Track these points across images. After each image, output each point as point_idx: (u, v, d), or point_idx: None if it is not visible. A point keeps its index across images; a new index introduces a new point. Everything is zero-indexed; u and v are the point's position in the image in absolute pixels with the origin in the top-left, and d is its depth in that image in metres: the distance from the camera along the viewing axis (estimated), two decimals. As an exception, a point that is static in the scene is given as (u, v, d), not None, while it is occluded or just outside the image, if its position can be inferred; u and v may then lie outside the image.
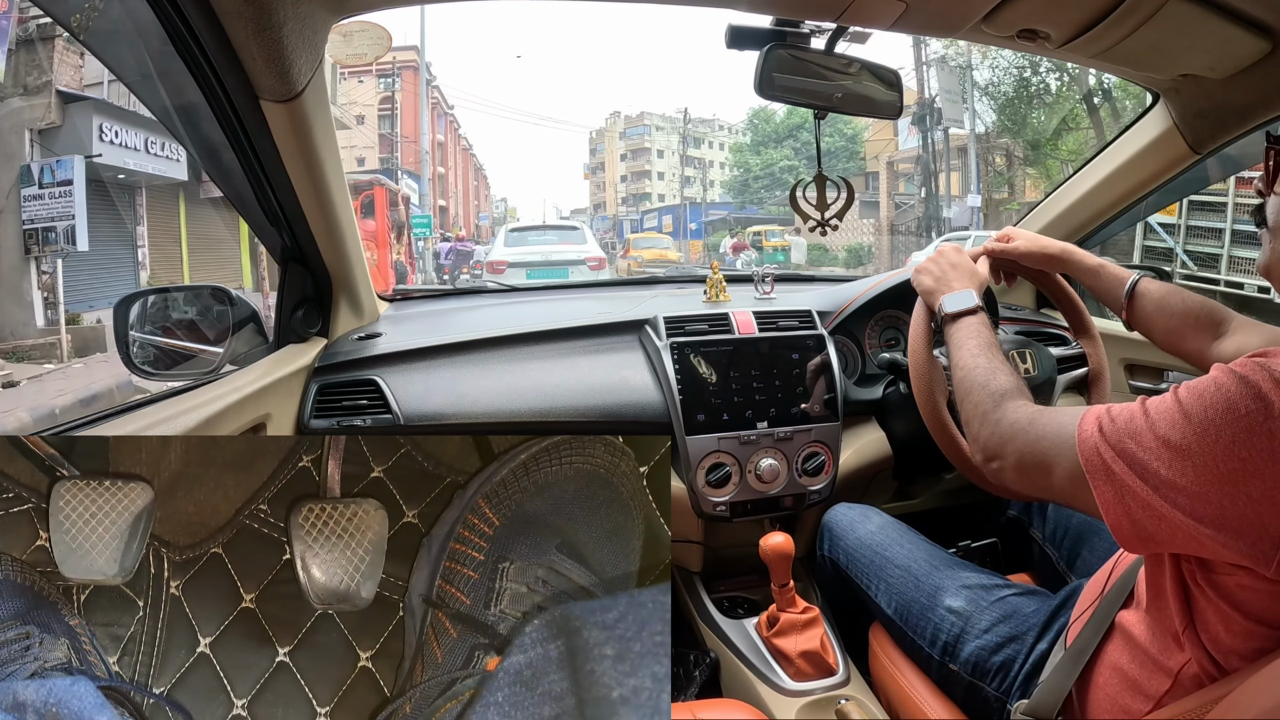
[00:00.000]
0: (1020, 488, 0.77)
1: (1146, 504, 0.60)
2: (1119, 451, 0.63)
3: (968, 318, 0.95)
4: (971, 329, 0.93)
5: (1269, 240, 0.71)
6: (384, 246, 10.02)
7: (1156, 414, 0.62)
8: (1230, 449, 0.57)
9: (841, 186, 1.16)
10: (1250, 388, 0.57)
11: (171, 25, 0.84)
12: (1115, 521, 0.63)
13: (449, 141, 30.98)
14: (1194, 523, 0.58)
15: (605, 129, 51.87)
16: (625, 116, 49.92)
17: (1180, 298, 1.01)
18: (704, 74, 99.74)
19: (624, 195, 48.04)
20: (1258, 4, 0.92)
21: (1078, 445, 0.66)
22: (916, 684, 1.01)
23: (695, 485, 1.26)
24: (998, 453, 0.76)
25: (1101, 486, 0.63)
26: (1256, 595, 0.62)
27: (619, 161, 49.53)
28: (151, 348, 1.21)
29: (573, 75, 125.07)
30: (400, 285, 8.20)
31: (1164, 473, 0.60)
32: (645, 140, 47.74)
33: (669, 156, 47.13)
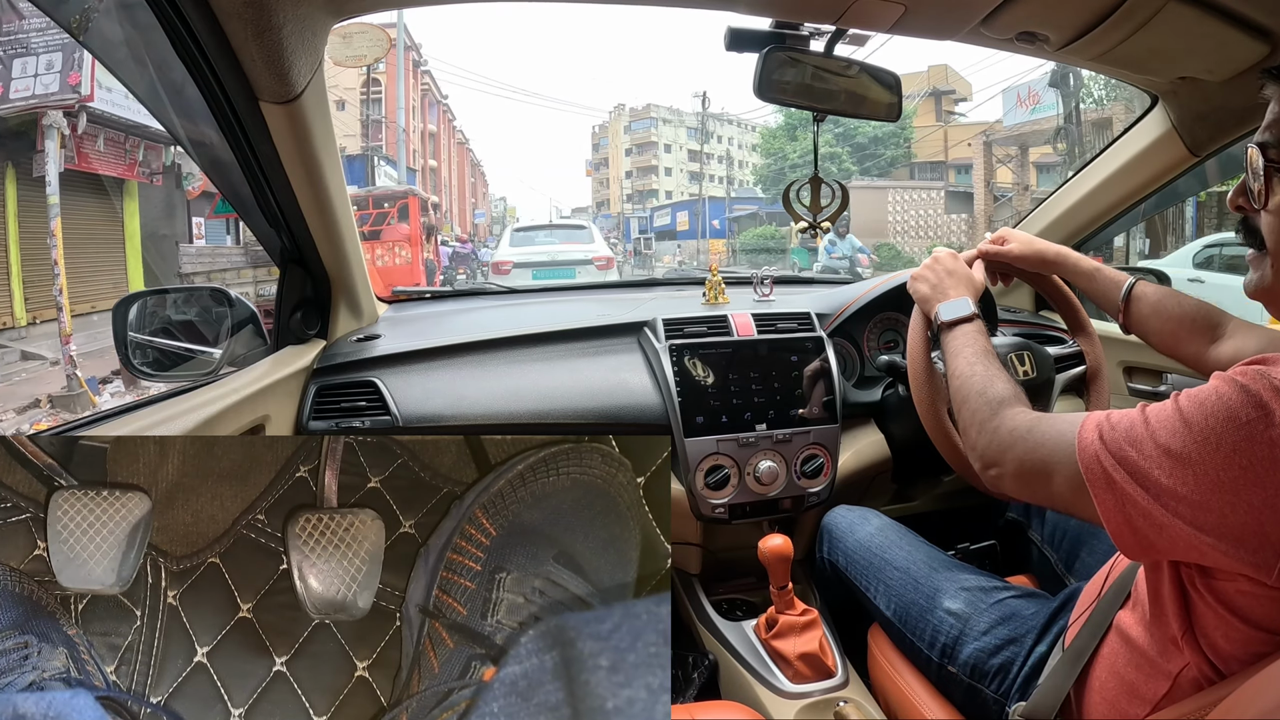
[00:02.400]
0: (1019, 495, 0.76)
1: (1147, 512, 0.60)
2: (1119, 459, 0.62)
3: (964, 325, 0.95)
4: (968, 337, 0.93)
5: (1267, 262, 0.68)
6: (417, 246, 10.71)
7: (1157, 422, 0.62)
8: (1231, 457, 0.57)
9: (836, 190, 1.16)
10: (1251, 396, 0.57)
11: (171, 27, 0.84)
12: (1116, 529, 0.63)
13: (442, 133, 29.65)
14: (1195, 531, 0.58)
15: (609, 123, 50.48)
16: (630, 109, 48.51)
17: (1177, 301, 1.01)
18: (712, 67, 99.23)
19: (629, 192, 46.82)
20: (1257, 7, 0.92)
21: (1078, 453, 0.65)
22: (915, 686, 1.01)
23: (694, 487, 1.26)
24: (996, 460, 0.76)
25: (1102, 494, 0.63)
26: (1256, 601, 0.62)
27: (624, 157, 48.14)
28: (150, 349, 1.21)
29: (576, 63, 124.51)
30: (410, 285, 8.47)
31: (1165, 481, 0.59)
32: (652, 134, 46.32)
33: (677, 151, 45.70)
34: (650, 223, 32.28)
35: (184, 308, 1.31)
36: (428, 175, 26.47)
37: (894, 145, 24.82)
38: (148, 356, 1.20)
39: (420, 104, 25.65)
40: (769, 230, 23.07)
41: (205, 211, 10.44)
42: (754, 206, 27.28)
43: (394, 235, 10.68)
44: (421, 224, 11.17)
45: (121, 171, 9.17)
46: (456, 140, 35.11)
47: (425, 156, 26.65)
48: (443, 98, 29.77)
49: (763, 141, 31.48)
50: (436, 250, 12.90)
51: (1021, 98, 14.89)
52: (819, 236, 1.20)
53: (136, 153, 9.19)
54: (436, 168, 28.32)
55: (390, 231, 10.67)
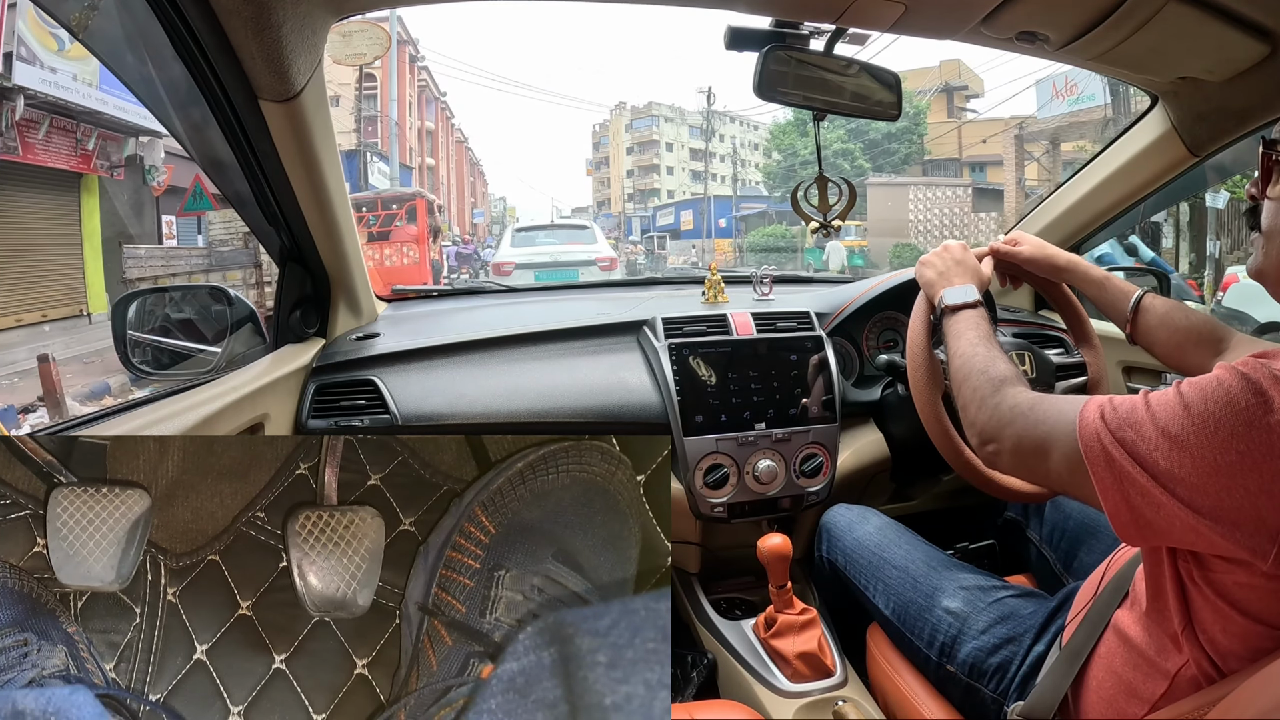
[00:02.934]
0: (1015, 473, 0.77)
1: (1145, 491, 0.61)
2: (1119, 439, 0.63)
3: (967, 311, 0.95)
4: (970, 321, 0.93)
5: (1262, 244, 0.72)
6: (424, 246, 11.07)
7: (1158, 405, 0.62)
8: (1229, 442, 0.57)
9: (843, 187, 1.16)
10: (1251, 384, 0.58)
11: (171, 25, 0.84)
12: (1114, 508, 0.63)
13: (440, 130, 29.08)
14: (1192, 513, 0.59)
15: (610, 121, 49.71)
16: (632, 108, 47.73)
17: (1184, 314, 1.01)
18: (716, 65, 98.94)
19: (630, 191, 46.17)
20: (1256, 7, 0.92)
21: (1078, 431, 0.66)
22: (914, 685, 1.02)
23: (693, 486, 1.26)
24: (995, 436, 0.76)
25: (1101, 473, 0.64)
26: (1254, 593, 0.62)
27: (625, 155, 47.39)
28: (149, 347, 1.21)
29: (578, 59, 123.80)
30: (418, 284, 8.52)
31: (1163, 463, 0.60)
32: (653, 132, 45.60)
33: (679, 150, 44.99)
34: (653, 222, 31.49)
35: (183, 306, 1.31)
36: (425, 173, 25.97)
37: (907, 142, 24.26)
38: (147, 355, 1.20)
39: (417, 100, 25.15)
40: (779, 230, 22.56)
41: (176, 209, 9.05)
42: (762, 205, 26.69)
43: (402, 236, 10.91)
44: (430, 226, 11.52)
45: (75, 165, 8.15)
46: (455, 139, 34.64)
47: (423, 154, 26.15)
48: (440, 95, 29.28)
49: (772, 138, 30.56)
50: (440, 250, 13.32)
51: (1058, 89, 14.52)
52: (831, 236, 1.20)
53: (89, 142, 8.22)
54: (434, 166, 27.96)
55: (399, 233, 10.90)
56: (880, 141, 24.41)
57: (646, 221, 32.63)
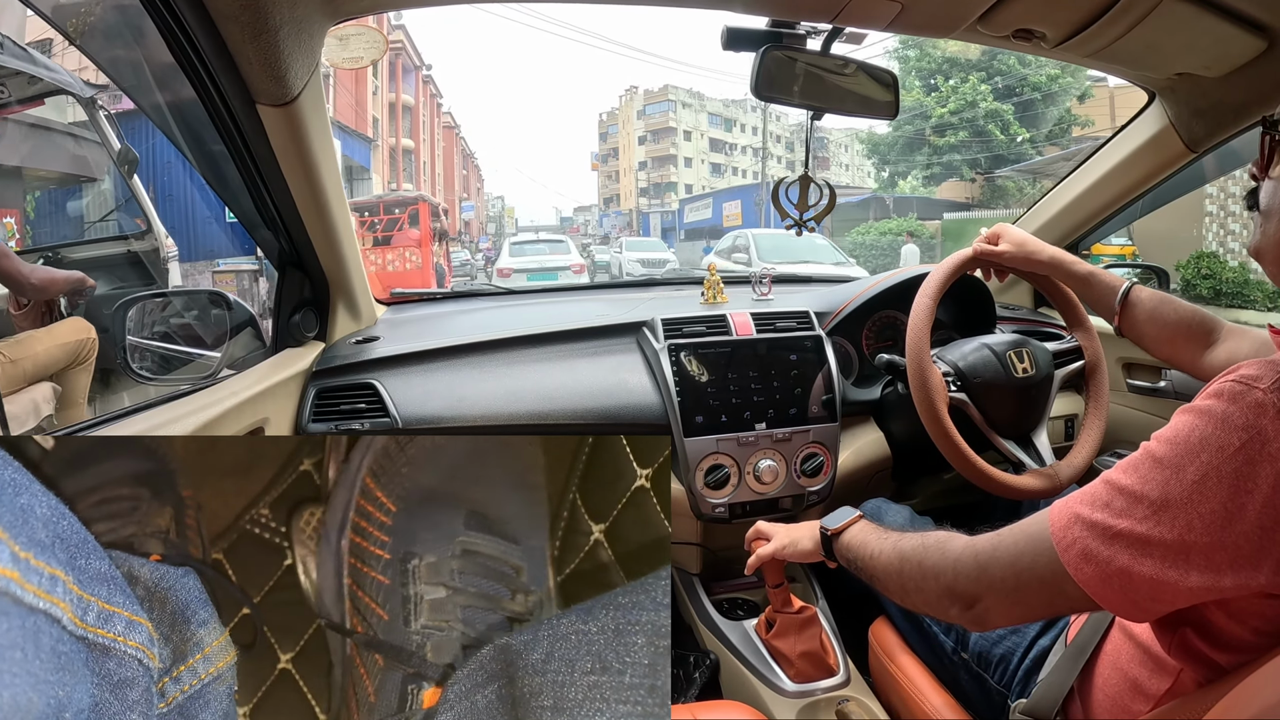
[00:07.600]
0: (1014, 622, 0.70)
1: (1149, 579, 0.57)
2: (1094, 529, 0.59)
3: (853, 525, 0.91)
4: (861, 529, 0.89)
5: (1260, 223, 0.70)
6: (427, 250, 11.22)
7: (1122, 476, 0.60)
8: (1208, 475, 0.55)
9: (824, 189, 1.16)
10: (1210, 418, 0.56)
11: (167, 29, 0.84)
12: (1123, 610, 0.61)
13: (421, 108, 24.62)
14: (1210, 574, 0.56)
15: (619, 108, 44.46)
16: (645, 91, 42.25)
17: (1173, 307, 1.01)
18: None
19: (644, 185, 41.24)
20: (1253, 2, 0.92)
21: (1058, 551, 0.62)
22: (918, 682, 1.01)
23: (694, 487, 1.26)
24: (974, 592, 0.68)
25: (1099, 588, 0.60)
26: (1261, 604, 0.61)
27: (636, 145, 42.39)
28: (149, 352, 1.21)
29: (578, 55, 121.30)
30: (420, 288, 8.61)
31: (1148, 532, 0.57)
32: (670, 118, 40.07)
33: (697, 140, 39.84)
34: (680, 218, 26.36)
35: (182, 311, 1.31)
36: (399, 156, 22.25)
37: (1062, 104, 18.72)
38: (147, 359, 1.20)
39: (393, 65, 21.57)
40: (898, 224, 16.77)
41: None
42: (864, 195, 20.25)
43: (405, 240, 10.96)
44: (433, 229, 11.71)
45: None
46: (442, 123, 30.65)
47: (398, 134, 22.40)
48: (423, 66, 25.43)
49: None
50: (447, 255, 13.50)
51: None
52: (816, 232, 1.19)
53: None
54: (413, 149, 23.78)
55: (401, 237, 10.94)
56: (1034, 104, 18.91)
57: (669, 218, 27.88)
